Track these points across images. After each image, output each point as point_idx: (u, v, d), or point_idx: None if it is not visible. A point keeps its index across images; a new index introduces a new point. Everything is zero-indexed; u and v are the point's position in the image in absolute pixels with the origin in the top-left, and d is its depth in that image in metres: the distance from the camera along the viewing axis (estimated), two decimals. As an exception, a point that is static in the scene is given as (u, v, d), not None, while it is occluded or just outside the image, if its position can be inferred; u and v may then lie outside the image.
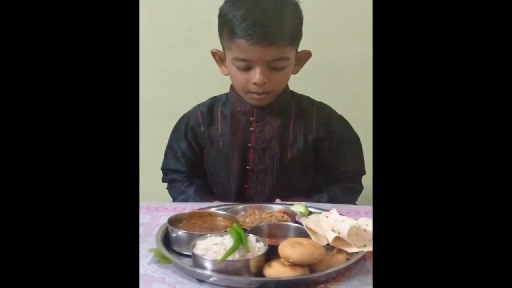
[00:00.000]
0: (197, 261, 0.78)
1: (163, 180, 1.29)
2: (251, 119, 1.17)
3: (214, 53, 1.18)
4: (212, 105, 1.23)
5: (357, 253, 0.81)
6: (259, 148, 1.16)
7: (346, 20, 1.49)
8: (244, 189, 1.19)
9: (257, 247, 0.79)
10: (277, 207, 0.99)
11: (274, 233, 0.88)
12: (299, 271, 0.75)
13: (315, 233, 0.84)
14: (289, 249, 0.76)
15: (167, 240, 0.87)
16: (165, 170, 1.29)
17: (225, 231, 0.83)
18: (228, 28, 1.08)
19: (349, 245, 0.82)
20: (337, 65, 1.51)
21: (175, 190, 1.25)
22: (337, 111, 1.24)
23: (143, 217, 1.00)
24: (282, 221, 0.92)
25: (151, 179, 1.28)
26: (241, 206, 1.01)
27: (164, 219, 0.94)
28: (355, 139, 1.24)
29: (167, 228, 0.89)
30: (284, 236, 0.87)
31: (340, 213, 0.90)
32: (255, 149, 1.17)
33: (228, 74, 1.15)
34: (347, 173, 1.23)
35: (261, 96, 1.12)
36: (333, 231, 0.83)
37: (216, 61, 1.19)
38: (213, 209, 0.98)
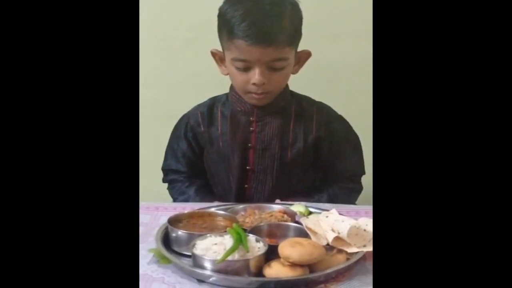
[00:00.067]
0: (196, 261, 0.78)
1: (164, 180, 1.29)
2: (251, 119, 1.17)
3: (213, 53, 1.18)
4: (212, 105, 1.23)
5: (357, 253, 0.81)
6: (259, 148, 1.16)
7: (346, 20, 1.49)
8: (244, 189, 1.19)
9: (257, 247, 0.79)
10: (277, 207, 0.99)
11: (274, 233, 0.88)
12: (298, 271, 0.75)
13: (315, 233, 0.84)
14: (289, 249, 0.76)
15: (166, 240, 0.87)
16: (166, 170, 1.29)
17: (225, 231, 0.83)
18: (227, 28, 1.08)
19: (349, 245, 0.82)
20: (337, 65, 1.51)
21: (175, 190, 1.25)
22: (337, 111, 1.24)
23: (143, 217, 1.00)
24: (282, 221, 0.92)
25: (151, 179, 1.28)
26: (241, 206, 1.01)
27: (164, 219, 0.94)
28: (355, 139, 1.24)
29: (166, 228, 0.89)
30: (284, 236, 0.87)
31: (340, 213, 0.90)
32: (255, 149, 1.17)
33: (227, 74, 1.15)
34: (347, 173, 1.23)
35: (261, 96, 1.12)
36: (333, 231, 0.83)
37: (216, 61, 1.19)
38: (213, 209, 0.98)
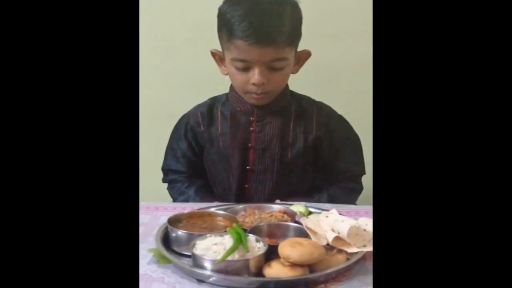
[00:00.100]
0: (196, 261, 0.78)
1: (164, 180, 1.29)
2: (251, 119, 1.17)
3: (213, 53, 1.18)
4: (212, 105, 1.23)
5: (357, 253, 0.81)
6: (259, 148, 1.16)
7: (346, 20, 1.49)
8: (244, 189, 1.19)
9: (257, 247, 0.79)
10: (276, 207, 0.99)
11: (273, 233, 0.88)
12: (298, 271, 0.75)
13: (315, 233, 0.84)
14: (288, 249, 0.76)
15: (166, 240, 0.87)
16: (165, 170, 1.28)
17: (225, 231, 0.83)
18: (226, 28, 1.08)
19: (349, 245, 0.82)
20: (337, 65, 1.51)
21: (175, 190, 1.25)
22: (337, 111, 1.24)
23: (142, 217, 1.00)
24: (282, 221, 0.92)
25: (151, 179, 1.28)
26: (241, 206, 1.01)
27: (163, 219, 0.93)
28: (355, 139, 1.24)
29: (166, 228, 0.89)
30: (283, 236, 0.87)
31: (340, 213, 0.90)
32: (255, 149, 1.17)
33: (227, 74, 1.15)
34: (347, 173, 1.23)
35: (260, 96, 1.12)
36: (333, 231, 0.83)
37: (215, 61, 1.19)
38: (213, 209, 0.98)
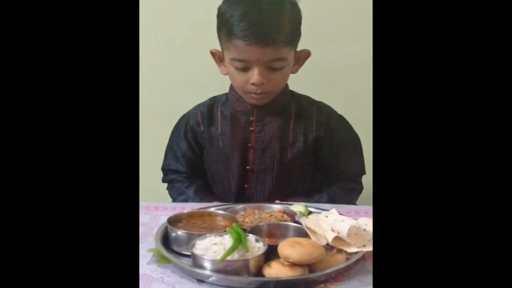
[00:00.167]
0: (196, 261, 0.78)
1: (163, 180, 1.29)
2: (251, 119, 1.17)
3: (213, 53, 1.18)
4: (211, 105, 1.23)
5: (356, 253, 0.81)
6: (259, 148, 1.16)
7: (346, 20, 1.49)
8: (244, 189, 1.19)
9: (257, 247, 0.79)
10: (276, 207, 0.99)
11: (273, 233, 0.88)
12: (298, 271, 0.75)
13: (314, 233, 0.84)
14: (288, 249, 0.76)
15: (166, 240, 0.87)
16: (165, 170, 1.29)
17: (225, 231, 0.83)
18: (226, 28, 1.08)
19: (349, 245, 0.82)
20: (337, 65, 1.51)
21: (175, 190, 1.25)
22: (337, 111, 1.24)
23: (142, 217, 1.00)
24: (281, 221, 0.92)
25: (151, 179, 1.28)
26: (241, 205, 1.01)
27: (163, 219, 0.93)
28: (355, 139, 1.24)
29: (166, 228, 0.89)
30: (283, 236, 0.87)
31: (340, 213, 0.90)
32: (255, 149, 1.17)
33: (227, 74, 1.15)
34: (347, 173, 1.23)
35: (260, 96, 1.12)
36: (333, 230, 0.83)
37: (215, 61, 1.19)
38: (213, 209, 0.98)
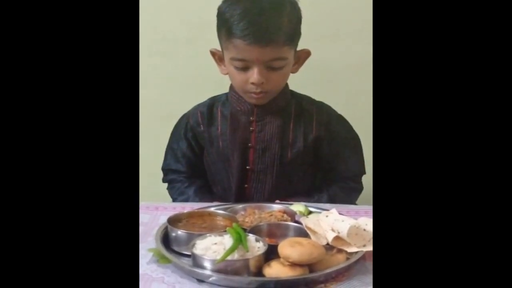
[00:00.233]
0: (196, 261, 0.78)
1: (163, 180, 1.29)
2: (251, 118, 1.17)
3: (213, 53, 1.18)
4: (211, 105, 1.23)
5: (356, 253, 0.81)
6: (259, 148, 1.16)
7: (346, 19, 1.49)
8: (244, 189, 1.19)
9: (257, 246, 0.79)
10: (276, 207, 0.99)
11: (273, 233, 0.88)
12: (298, 271, 0.75)
13: (314, 233, 0.84)
14: (288, 248, 0.76)
15: (166, 239, 0.87)
16: (165, 170, 1.29)
17: (225, 231, 0.83)
18: (225, 28, 1.07)
19: (349, 244, 0.82)
20: (337, 65, 1.51)
21: (175, 190, 1.25)
22: (337, 111, 1.24)
23: (142, 217, 1.00)
24: (281, 220, 0.92)
25: (151, 179, 1.28)
26: (241, 205, 1.01)
27: (163, 219, 0.93)
28: (355, 139, 1.24)
29: (166, 227, 0.89)
30: (283, 235, 0.87)
31: (340, 213, 0.90)
32: (255, 149, 1.17)
33: (227, 73, 1.15)
34: (347, 172, 1.23)
35: (260, 95, 1.12)
36: (333, 230, 0.83)
37: (215, 61, 1.19)
38: (213, 209, 0.98)
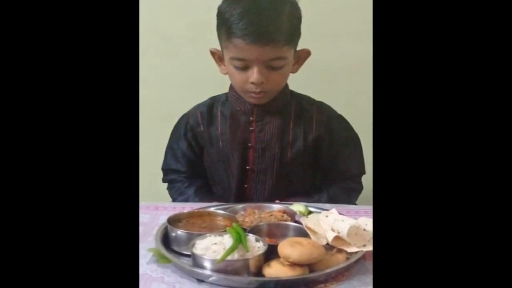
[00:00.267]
0: (196, 261, 0.78)
1: (163, 180, 1.29)
2: (250, 118, 1.17)
3: (213, 52, 1.18)
4: (211, 104, 1.23)
5: (356, 253, 0.81)
6: (259, 147, 1.16)
7: (346, 19, 1.49)
8: (244, 189, 1.19)
9: (257, 246, 0.79)
10: (276, 207, 0.99)
11: (273, 233, 0.88)
12: (298, 271, 0.75)
13: (314, 233, 0.84)
14: (288, 248, 0.76)
15: (166, 239, 0.87)
16: (165, 170, 1.29)
17: (225, 231, 0.83)
18: (225, 27, 1.07)
19: (349, 244, 0.82)
20: (337, 65, 1.51)
21: (175, 190, 1.25)
22: (337, 111, 1.24)
23: (142, 217, 1.00)
24: (281, 220, 0.92)
25: (151, 179, 1.28)
26: (241, 205, 1.01)
27: (163, 219, 0.93)
28: (355, 139, 1.24)
29: (166, 227, 0.89)
30: (283, 235, 0.87)
31: (340, 213, 0.90)
32: (255, 149, 1.17)
33: (227, 73, 1.15)
34: (347, 172, 1.23)
35: (259, 95, 1.12)
36: (333, 230, 0.83)
37: (215, 60, 1.19)
38: (213, 209, 0.98)
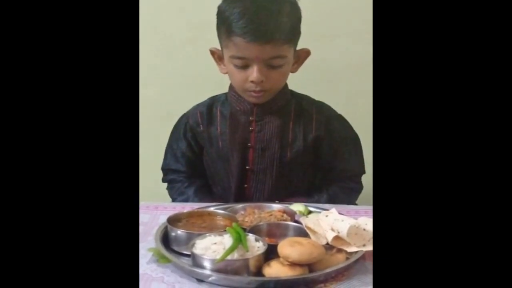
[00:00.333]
0: (196, 261, 0.78)
1: (163, 180, 1.29)
2: (250, 118, 1.17)
3: (212, 52, 1.18)
4: (211, 104, 1.23)
5: (356, 253, 0.81)
6: (259, 147, 1.16)
7: (346, 19, 1.49)
8: (243, 189, 1.19)
9: (256, 246, 0.79)
10: (276, 207, 0.99)
11: (273, 233, 0.88)
12: (298, 271, 0.75)
13: (314, 233, 0.84)
14: (288, 248, 0.76)
15: (166, 239, 0.87)
16: (165, 170, 1.28)
17: (224, 231, 0.83)
18: (225, 26, 1.08)
19: (349, 244, 0.82)
20: (337, 65, 1.51)
21: (174, 190, 1.25)
22: (337, 111, 1.24)
23: (142, 216, 1.00)
24: (281, 220, 0.92)
25: (151, 178, 1.28)
26: (241, 205, 1.01)
27: (163, 219, 0.93)
28: (355, 139, 1.24)
29: (166, 227, 0.89)
30: (283, 235, 0.87)
31: (339, 213, 0.90)
32: (254, 149, 1.17)
33: (226, 72, 1.15)
34: (347, 172, 1.23)
35: (259, 94, 1.11)
36: (333, 230, 0.83)
37: (214, 60, 1.18)
38: (212, 208, 0.98)
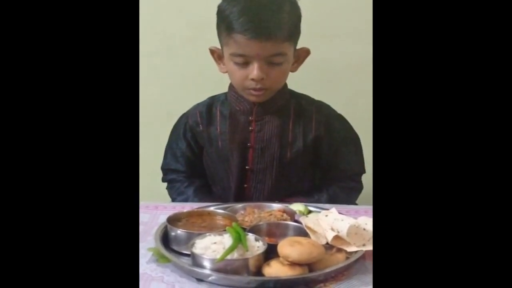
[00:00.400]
0: (196, 260, 0.78)
1: (163, 180, 1.29)
2: (250, 118, 1.17)
3: (212, 51, 1.17)
4: (211, 104, 1.22)
5: (356, 252, 0.81)
6: (258, 147, 1.16)
7: (346, 19, 1.49)
8: (243, 189, 1.18)
9: (256, 246, 0.79)
10: (276, 206, 0.99)
11: (273, 232, 0.88)
12: (298, 270, 0.75)
13: (314, 232, 0.84)
14: (288, 248, 0.76)
15: (166, 239, 0.87)
16: (165, 169, 1.28)
17: (224, 230, 0.83)
18: (225, 24, 1.08)
19: (349, 244, 0.82)
20: (337, 65, 1.51)
21: (174, 190, 1.25)
22: (337, 111, 1.24)
23: (142, 216, 1.00)
24: (281, 220, 0.92)
25: (151, 178, 1.28)
26: (240, 205, 1.01)
27: (163, 218, 0.93)
28: (355, 138, 1.24)
29: (166, 227, 0.89)
30: (283, 235, 0.87)
31: (339, 212, 0.90)
32: (254, 149, 1.16)
33: (226, 71, 1.15)
34: (347, 172, 1.23)
35: (259, 92, 1.11)
36: (333, 230, 0.83)
37: (214, 59, 1.18)
38: (212, 208, 0.98)
